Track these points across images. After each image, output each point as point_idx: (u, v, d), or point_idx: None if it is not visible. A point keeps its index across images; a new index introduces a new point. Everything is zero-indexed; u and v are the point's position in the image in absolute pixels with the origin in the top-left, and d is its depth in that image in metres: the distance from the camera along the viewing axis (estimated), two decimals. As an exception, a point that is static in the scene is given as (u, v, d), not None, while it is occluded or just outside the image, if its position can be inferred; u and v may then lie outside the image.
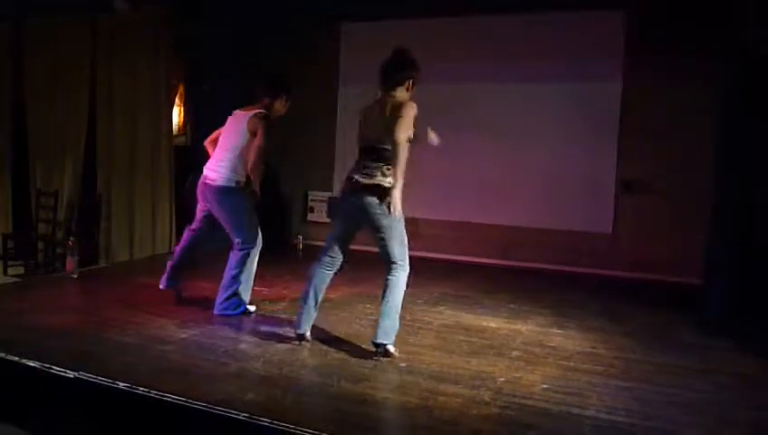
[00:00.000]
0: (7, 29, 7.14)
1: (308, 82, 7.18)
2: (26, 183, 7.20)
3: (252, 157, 4.05)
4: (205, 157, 4.32)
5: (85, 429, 2.96)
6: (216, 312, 4.18)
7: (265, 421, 2.57)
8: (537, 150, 6.35)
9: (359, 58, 6.83)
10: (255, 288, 4.84)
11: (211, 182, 4.10)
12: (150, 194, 6.61)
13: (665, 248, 5.80)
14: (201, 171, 4.25)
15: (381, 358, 3.41)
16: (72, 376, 2.98)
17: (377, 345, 3.43)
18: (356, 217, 3.48)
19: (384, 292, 3.47)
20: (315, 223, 7.39)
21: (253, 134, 4.04)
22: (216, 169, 4.11)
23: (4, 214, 7.27)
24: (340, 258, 3.64)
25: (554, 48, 6.18)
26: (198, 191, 4.23)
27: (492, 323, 4.29)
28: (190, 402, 2.73)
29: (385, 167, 3.36)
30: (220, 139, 4.23)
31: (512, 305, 4.78)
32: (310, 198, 7.46)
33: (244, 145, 4.07)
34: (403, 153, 3.25)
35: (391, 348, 3.45)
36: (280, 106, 4.23)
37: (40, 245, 6.73)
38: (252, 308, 4.28)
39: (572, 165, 6.24)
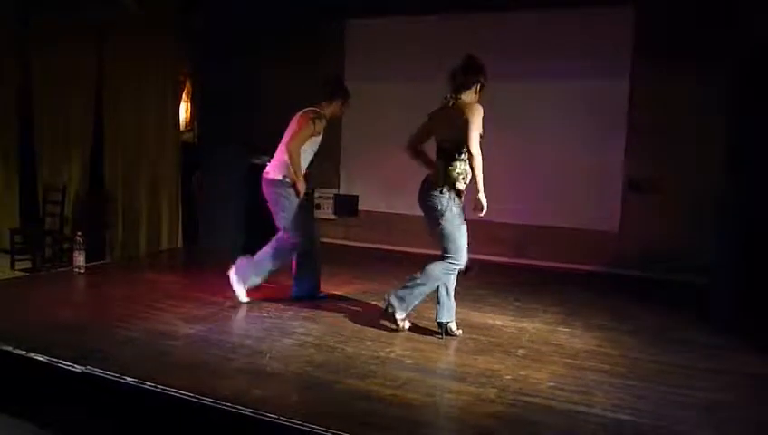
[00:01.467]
0: (14, 24, 7.15)
1: (313, 79, 7.18)
2: (34, 178, 7.22)
3: (289, 144, 4.27)
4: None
5: (92, 423, 2.97)
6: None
7: (272, 417, 2.58)
8: (544, 148, 6.33)
9: (364, 55, 6.83)
10: (263, 284, 4.85)
11: (265, 175, 4.40)
12: (157, 190, 6.62)
13: (672, 247, 5.77)
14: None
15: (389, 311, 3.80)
16: (79, 370, 2.99)
17: (387, 303, 3.81)
18: (427, 213, 3.75)
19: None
20: (322, 220, 7.39)
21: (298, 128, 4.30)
22: (271, 164, 4.41)
23: (12, 209, 7.29)
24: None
25: (562, 45, 6.15)
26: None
27: (498, 320, 4.29)
28: (197, 398, 2.74)
29: (448, 163, 3.67)
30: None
31: (518, 303, 4.77)
32: (316, 195, 7.46)
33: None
34: (479, 159, 3.64)
35: (397, 314, 3.82)
36: (336, 108, 4.47)
37: (47, 239, 6.75)
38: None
39: (580, 163, 6.21)
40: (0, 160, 7.36)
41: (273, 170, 4.37)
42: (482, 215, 3.67)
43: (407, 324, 3.89)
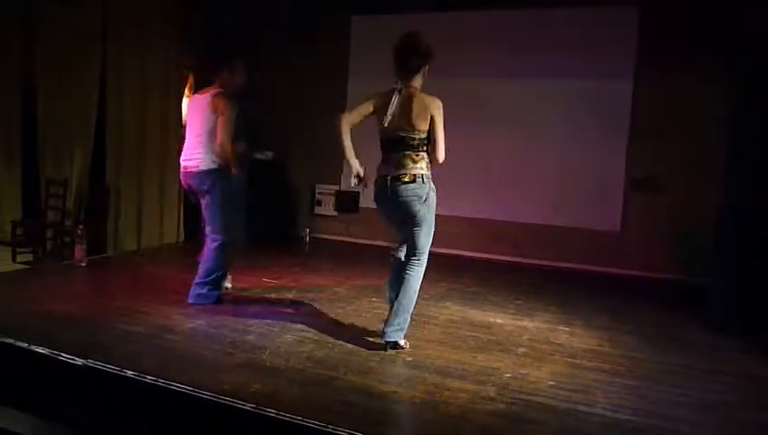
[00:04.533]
0: (17, 18, 7.15)
1: (316, 75, 7.19)
2: (36, 171, 7.22)
3: (221, 137, 4.00)
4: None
5: (93, 416, 2.98)
6: (190, 300, 4.18)
7: (272, 412, 2.58)
8: (546, 147, 6.33)
9: (368, 51, 6.82)
10: (264, 280, 4.87)
11: (193, 169, 4.09)
12: (159, 183, 6.63)
13: (673, 247, 5.77)
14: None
15: (391, 350, 3.44)
16: (80, 363, 3.00)
17: (389, 343, 3.45)
18: (396, 207, 3.44)
19: (401, 287, 3.46)
20: (323, 216, 7.40)
21: (217, 114, 4.03)
22: (193, 157, 4.10)
23: (14, 201, 7.29)
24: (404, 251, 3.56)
25: (566, 44, 6.14)
26: (183, 184, 4.24)
27: (498, 319, 4.29)
28: (197, 392, 2.74)
29: (414, 154, 3.39)
30: (187, 128, 4.23)
31: (518, 302, 4.77)
32: (317, 191, 7.46)
33: (213, 127, 4.04)
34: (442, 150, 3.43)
35: (402, 342, 3.49)
36: (230, 80, 4.23)
37: (49, 232, 6.75)
38: (228, 285, 4.46)
39: (582, 162, 6.21)
40: (3, 154, 7.37)
41: (200, 162, 4.07)
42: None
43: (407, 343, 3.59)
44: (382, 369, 3.21)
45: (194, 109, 4.23)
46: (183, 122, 6.85)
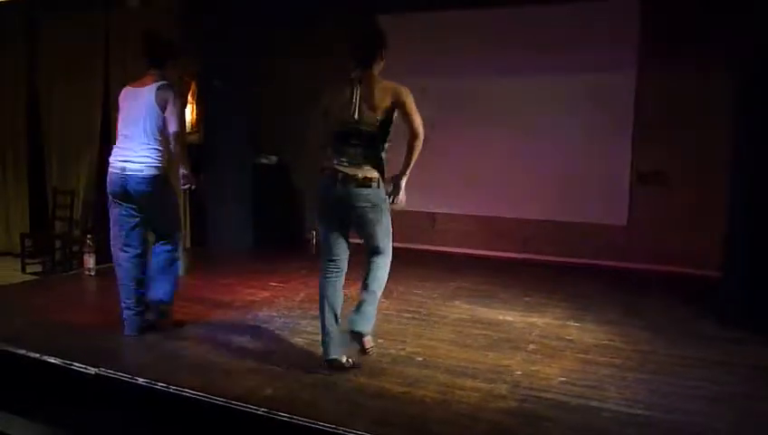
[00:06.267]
0: (21, 28, 7.19)
1: (323, 77, 7.17)
2: (43, 182, 7.27)
3: (179, 143, 3.65)
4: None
5: (105, 424, 2.99)
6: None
7: (284, 416, 2.59)
8: (551, 143, 6.30)
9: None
10: (272, 283, 4.88)
11: (137, 172, 3.53)
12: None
13: (681, 240, 5.74)
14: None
15: (359, 346, 3.21)
16: (92, 372, 3.01)
17: (356, 333, 3.18)
18: (346, 212, 3.16)
19: (368, 281, 3.25)
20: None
21: (164, 109, 3.57)
22: (136, 157, 3.55)
23: (22, 213, 7.35)
24: (345, 264, 3.32)
25: (569, 39, 6.11)
26: (113, 186, 3.60)
27: (508, 316, 4.28)
28: (209, 398, 2.75)
29: (370, 152, 3.08)
30: (120, 124, 3.66)
31: (527, 298, 4.76)
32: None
33: (161, 124, 3.58)
34: (419, 146, 3.06)
35: (369, 339, 3.24)
36: (177, 68, 3.89)
37: (57, 243, 6.79)
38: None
39: (587, 157, 6.19)
40: (10, 166, 7.42)
41: (147, 165, 3.54)
42: (397, 208, 3.19)
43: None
44: (393, 370, 3.21)
45: (131, 102, 3.65)
46: (188, 128, 6.89)
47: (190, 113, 7.09)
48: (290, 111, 7.18)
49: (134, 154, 3.54)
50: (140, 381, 2.91)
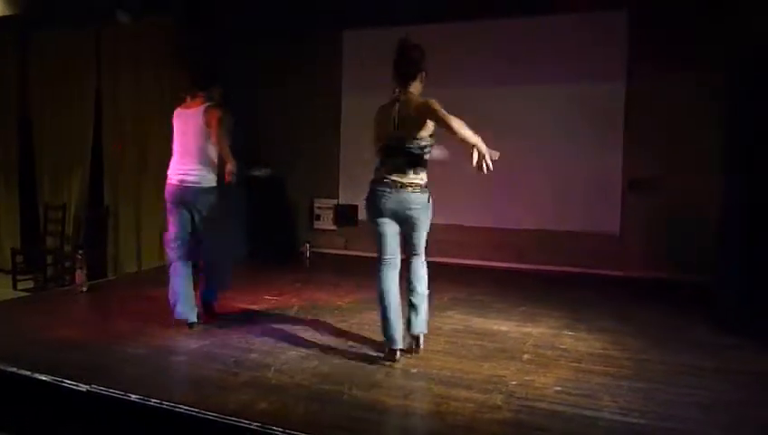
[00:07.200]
0: (12, 43, 7.20)
1: (311, 90, 7.21)
2: (34, 197, 7.24)
3: (221, 148, 4.08)
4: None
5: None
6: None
7: (278, 430, 2.57)
8: (543, 153, 6.34)
9: (361, 65, 6.86)
10: (266, 297, 4.87)
11: (194, 184, 4.07)
12: (157, 205, 6.61)
13: (673, 247, 5.76)
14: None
15: (417, 348, 3.60)
16: (84, 389, 2.98)
17: (416, 336, 3.59)
18: (399, 214, 3.47)
19: (416, 284, 3.56)
20: (322, 230, 7.40)
21: (212, 127, 4.05)
22: (191, 172, 4.09)
23: (13, 228, 7.32)
24: (398, 260, 3.60)
25: (557, 50, 6.17)
26: (173, 198, 4.15)
27: (502, 326, 4.27)
28: (203, 413, 2.73)
29: (415, 163, 3.44)
30: (176, 143, 4.21)
31: (522, 308, 4.76)
32: (316, 205, 7.47)
33: (208, 141, 4.09)
34: (459, 121, 3.34)
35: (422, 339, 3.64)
36: (221, 91, 4.36)
37: (49, 259, 6.76)
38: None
39: (578, 166, 6.22)
40: (1, 181, 7.39)
41: (201, 177, 4.09)
42: (491, 163, 3.43)
43: None
44: (388, 382, 3.19)
45: (183, 123, 4.18)
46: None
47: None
48: (283, 122, 7.21)
49: (188, 169, 4.10)
50: (133, 397, 2.88)
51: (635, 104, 6.02)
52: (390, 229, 3.52)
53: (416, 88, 3.51)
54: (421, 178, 3.47)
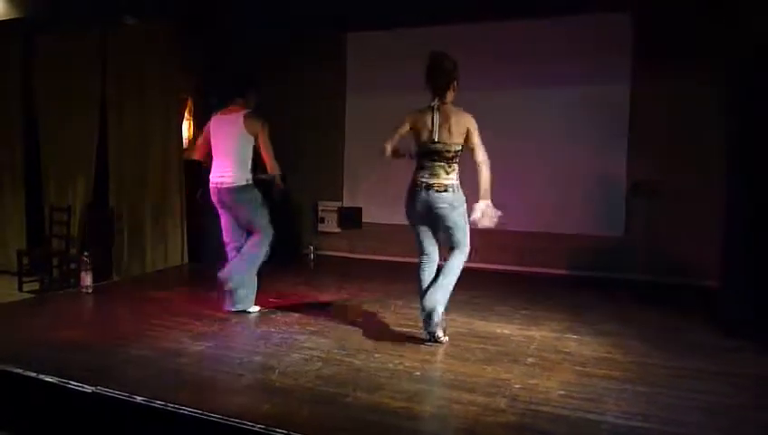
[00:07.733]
0: (18, 47, 7.24)
1: (315, 93, 7.23)
2: (39, 199, 7.27)
3: (268, 157, 4.43)
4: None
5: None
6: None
7: (282, 432, 2.58)
8: (546, 155, 6.34)
9: (366, 67, 6.87)
10: (270, 299, 4.89)
11: (228, 185, 4.36)
12: (162, 207, 6.65)
13: (678, 250, 5.76)
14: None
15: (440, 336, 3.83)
16: (89, 390, 3.00)
17: (427, 312, 3.78)
18: (429, 213, 3.80)
19: (444, 268, 3.84)
20: (326, 233, 7.41)
21: (255, 135, 4.38)
22: (226, 174, 4.39)
23: (19, 230, 7.35)
24: (435, 256, 3.94)
25: (562, 52, 6.18)
26: (215, 199, 4.46)
27: (505, 329, 4.28)
28: (207, 415, 2.74)
29: (447, 166, 3.77)
30: (214, 147, 4.45)
31: (525, 311, 4.76)
32: (320, 208, 7.48)
33: (246, 146, 4.39)
34: (486, 172, 3.80)
35: (441, 331, 3.85)
36: (258, 96, 4.57)
37: (54, 260, 6.78)
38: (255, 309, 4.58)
39: (583, 168, 6.23)
40: (6, 183, 7.43)
41: (236, 178, 4.38)
42: (492, 225, 3.80)
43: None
44: (391, 385, 3.20)
45: (221, 128, 4.43)
46: (185, 144, 6.91)
47: (187, 130, 7.13)
48: (287, 125, 7.23)
49: (224, 171, 4.38)
50: (138, 399, 2.90)
51: (639, 106, 6.02)
52: (423, 228, 3.90)
53: (450, 96, 3.81)
54: (451, 178, 3.77)
